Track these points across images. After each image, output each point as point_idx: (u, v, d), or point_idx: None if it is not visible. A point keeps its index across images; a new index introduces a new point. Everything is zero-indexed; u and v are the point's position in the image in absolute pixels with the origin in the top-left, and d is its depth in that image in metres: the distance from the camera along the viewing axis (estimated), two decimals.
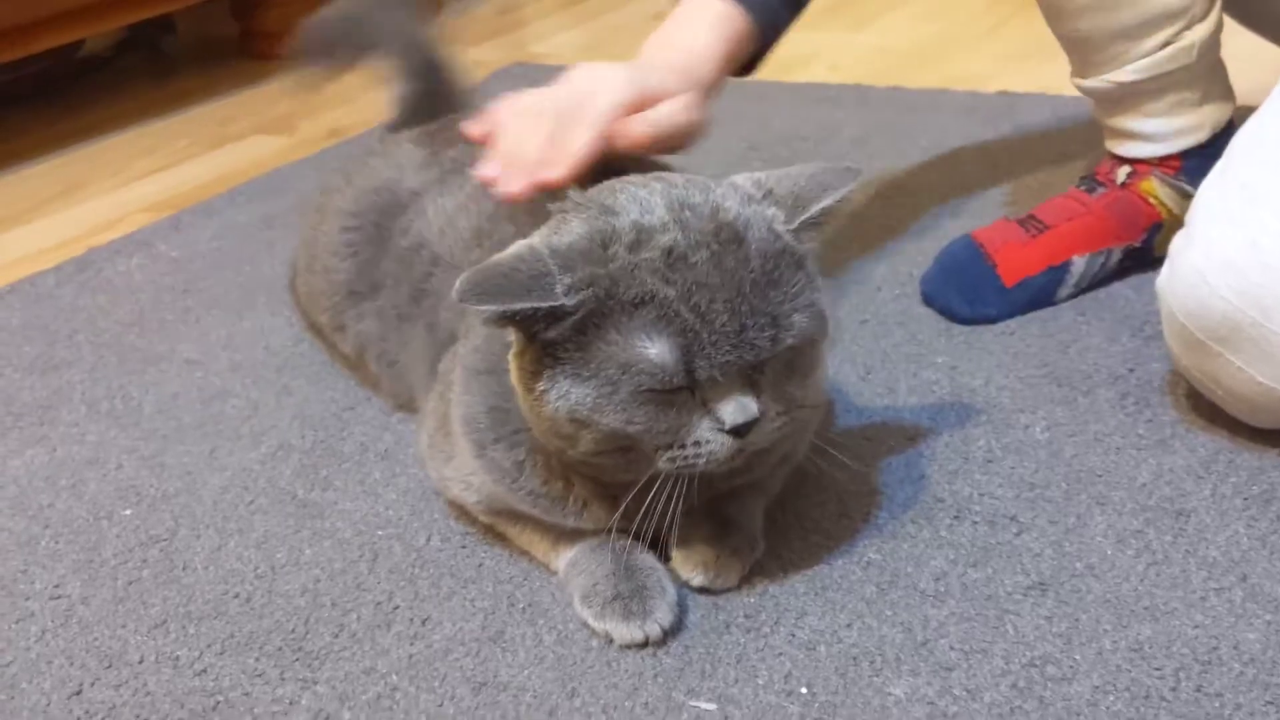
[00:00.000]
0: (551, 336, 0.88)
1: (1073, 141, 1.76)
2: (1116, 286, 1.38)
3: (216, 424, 1.35)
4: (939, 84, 2.09)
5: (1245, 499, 1.03)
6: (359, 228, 1.31)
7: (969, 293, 1.35)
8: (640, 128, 1.07)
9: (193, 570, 1.12)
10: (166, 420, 1.36)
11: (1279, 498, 1.03)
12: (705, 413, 0.89)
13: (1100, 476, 1.09)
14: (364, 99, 2.22)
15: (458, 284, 0.86)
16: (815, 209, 0.91)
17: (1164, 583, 0.96)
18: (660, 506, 0.92)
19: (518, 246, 0.91)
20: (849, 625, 0.96)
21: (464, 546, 1.10)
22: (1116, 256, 1.36)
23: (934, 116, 1.92)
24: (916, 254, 1.49)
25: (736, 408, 0.88)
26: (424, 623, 1.02)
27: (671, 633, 0.97)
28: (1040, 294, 1.35)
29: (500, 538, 1.09)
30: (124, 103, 2.59)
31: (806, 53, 2.32)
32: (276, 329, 1.51)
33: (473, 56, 2.62)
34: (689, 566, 1.00)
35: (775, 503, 1.09)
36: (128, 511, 1.21)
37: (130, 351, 1.51)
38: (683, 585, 1.01)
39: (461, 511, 1.12)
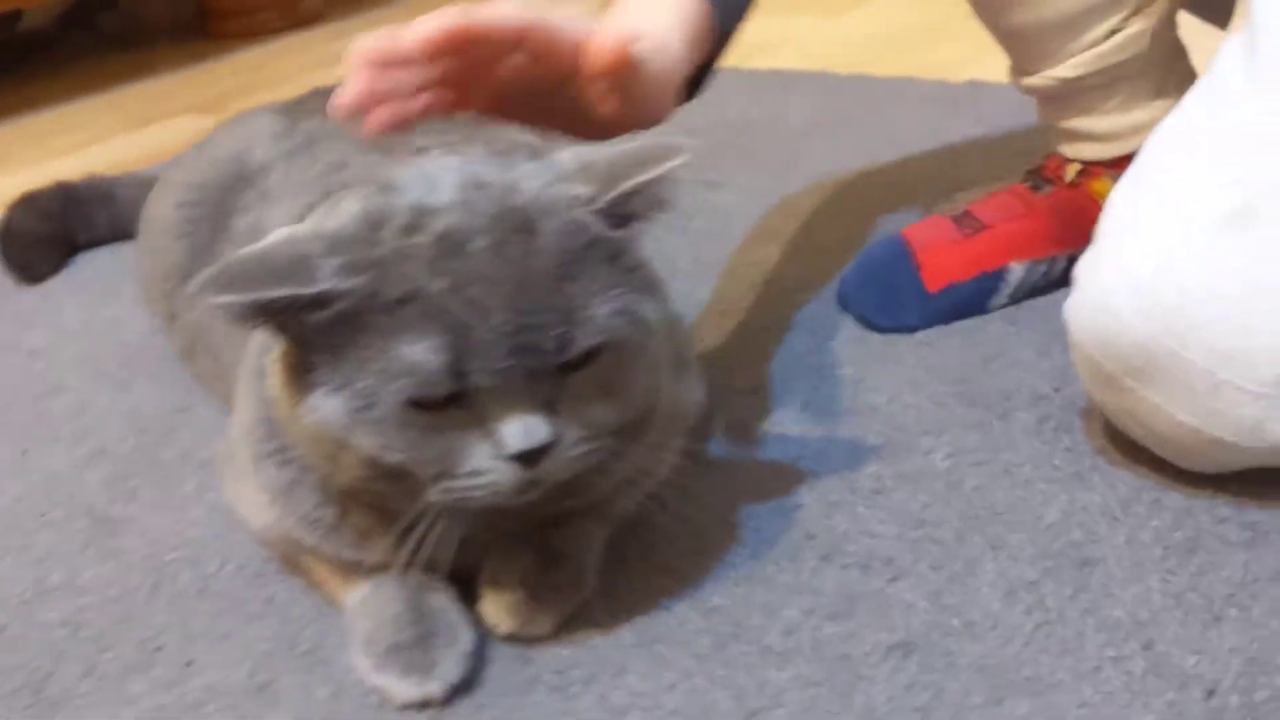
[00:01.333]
0: (310, 334, 0.74)
1: (1041, 135, 1.59)
2: (1058, 294, 1.20)
3: (39, 423, 1.21)
4: (914, 72, 1.92)
5: (1165, 548, 0.86)
6: (198, 203, 1.17)
7: (886, 298, 1.19)
8: (610, 38, 0.83)
9: None
10: None
11: (1204, 547, 0.86)
12: (484, 435, 0.74)
13: (1000, 515, 0.92)
14: (303, 79, 2.08)
15: (198, 277, 0.71)
16: (622, 187, 0.76)
17: (1053, 647, 0.79)
18: (442, 540, 0.77)
19: (276, 232, 0.76)
20: (672, 687, 0.80)
21: (259, 576, 0.95)
22: (1061, 265, 1.19)
23: (895, 106, 1.76)
24: (845, 253, 1.32)
25: (521, 430, 0.73)
26: (187, 666, 0.87)
27: (461, 691, 0.81)
28: (967, 303, 1.18)
29: (302, 569, 0.94)
30: (58, 79, 2.47)
31: (775, 39, 2.16)
32: (137, 319, 1.37)
33: None
34: (495, 609, 0.85)
35: (621, 532, 0.93)
36: None
37: None
38: (488, 630, 0.85)
39: None
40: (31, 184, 1.90)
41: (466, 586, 0.87)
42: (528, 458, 0.74)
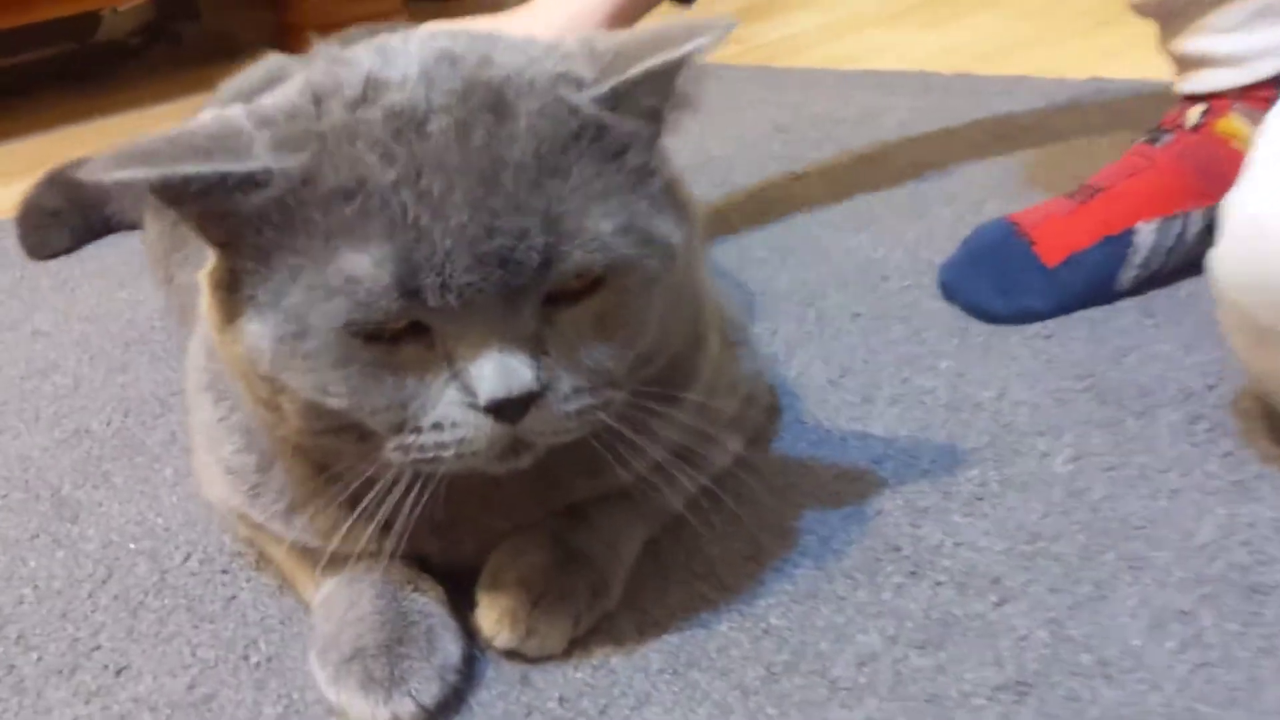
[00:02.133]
0: (240, 235, 0.58)
1: None
2: (1201, 282, 1.00)
3: (23, 402, 1.07)
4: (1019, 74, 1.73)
5: None
6: None
7: (1002, 280, 1.00)
8: None
9: None
10: None
11: None
12: (451, 377, 0.58)
13: (1139, 529, 0.73)
14: None
15: (103, 153, 0.56)
16: (630, 72, 0.59)
17: (1216, 694, 0.60)
18: (410, 516, 0.61)
19: (201, 114, 0.61)
20: None
21: (224, 572, 0.79)
22: (1197, 223, 0.99)
23: (1004, 103, 1.57)
24: (945, 243, 1.14)
25: (496, 370, 0.56)
26: (119, 673, 0.71)
27: (437, 716, 0.64)
28: (1096, 275, 0.99)
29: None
30: (135, 88, 2.40)
31: (872, 49, 1.99)
32: (149, 305, 1.24)
33: None
34: (492, 617, 0.68)
35: (668, 530, 0.76)
36: None
37: None
38: (483, 644, 0.68)
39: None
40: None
41: (463, 588, 0.70)
42: (507, 410, 0.57)
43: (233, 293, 0.59)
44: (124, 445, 0.97)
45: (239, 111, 0.59)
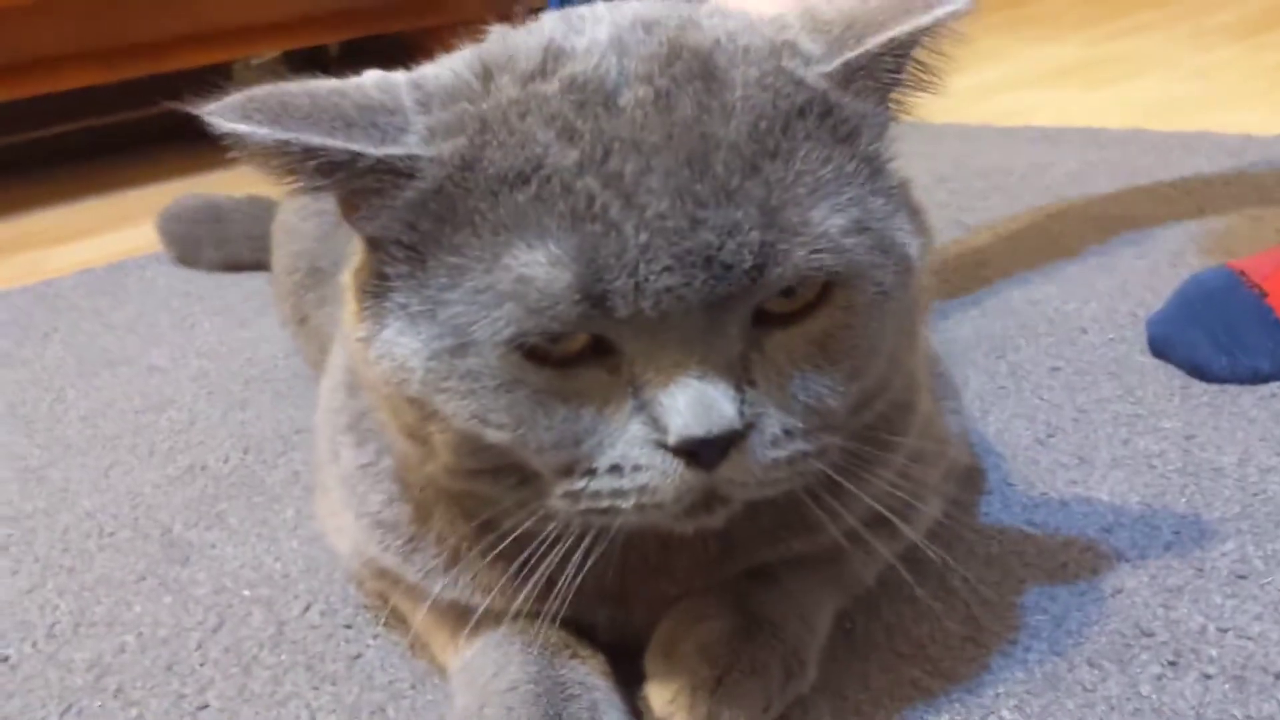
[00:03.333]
0: (391, 232, 0.49)
1: None
2: None
3: (136, 437, 1.00)
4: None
5: None
6: None
7: (1225, 335, 0.87)
8: None
9: None
10: (84, 429, 1.03)
11: None
12: (636, 407, 0.47)
13: None
14: None
15: (225, 99, 0.48)
16: (874, 41, 0.49)
17: None
18: (578, 576, 0.51)
19: (364, 75, 0.52)
20: None
21: (348, 627, 0.69)
22: None
23: (1184, 159, 1.44)
24: (1144, 293, 1.02)
25: (692, 402, 0.46)
26: None
27: None
28: None
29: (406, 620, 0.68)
30: None
31: (1031, 106, 1.88)
32: (271, 343, 1.16)
33: None
34: (665, 696, 0.56)
35: (860, 604, 0.64)
36: None
37: (97, 355, 1.20)
38: None
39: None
40: None
41: (628, 659, 0.59)
42: (703, 453, 0.46)
43: (380, 300, 0.50)
44: (241, 484, 0.89)
45: (403, 80, 0.50)
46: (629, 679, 0.59)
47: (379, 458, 0.59)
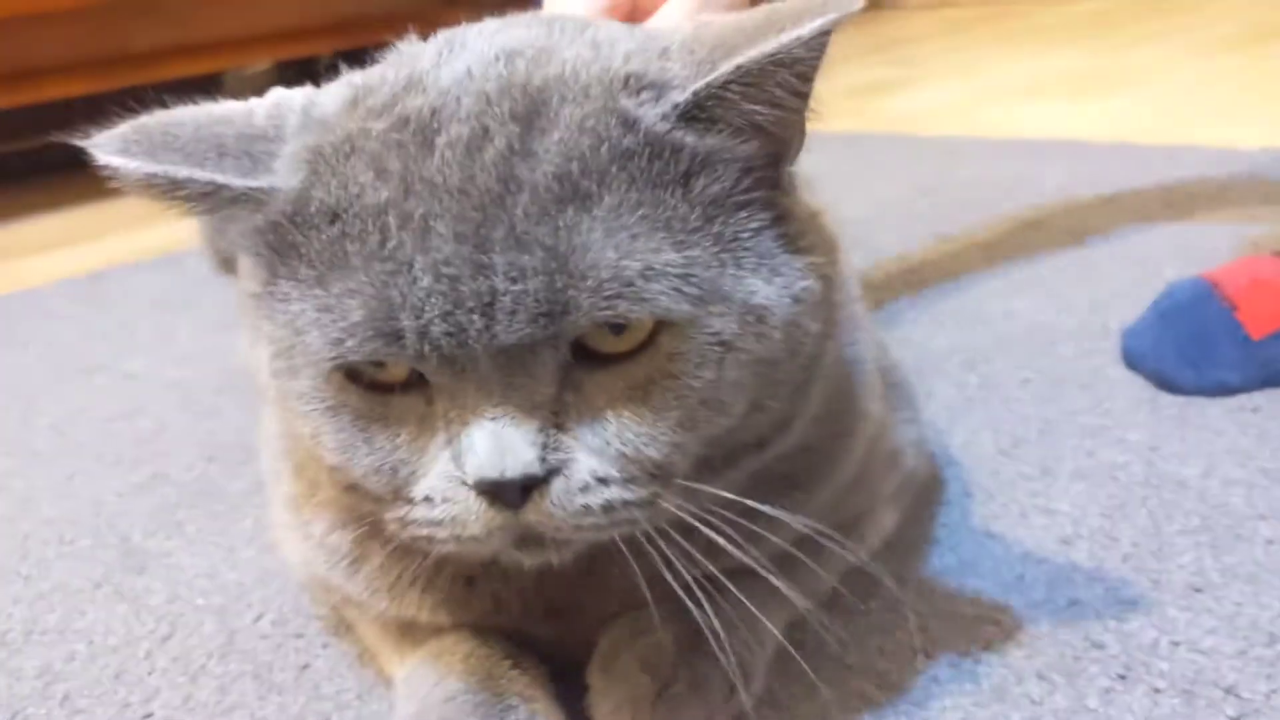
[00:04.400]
0: (246, 246, 0.50)
1: None
2: None
3: (103, 445, 1.00)
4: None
5: None
6: None
7: (1195, 349, 0.87)
8: None
9: None
10: (52, 437, 1.03)
11: None
12: (446, 441, 0.47)
13: None
14: None
15: (108, 131, 0.48)
16: (721, 70, 0.46)
17: None
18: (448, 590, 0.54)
19: (266, 96, 0.52)
20: None
21: (299, 636, 0.69)
22: None
23: (1170, 171, 1.43)
24: (1121, 305, 1.01)
25: (488, 444, 0.45)
26: None
27: None
28: None
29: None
30: None
31: (1016, 119, 1.88)
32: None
33: None
34: (606, 708, 0.56)
35: (810, 615, 0.63)
36: None
37: (73, 362, 1.20)
38: None
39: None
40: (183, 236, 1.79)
41: (571, 671, 0.58)
42: (501, 493, 0.46)
43: (246, 313, 0.51)
44: (203, 493, 0.89)
45: (299, 104, 0.50)
46: (571, 692, 0.58)
47: (314, 490, 0.59)
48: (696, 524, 0.50)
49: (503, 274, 0.44)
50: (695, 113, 0.47)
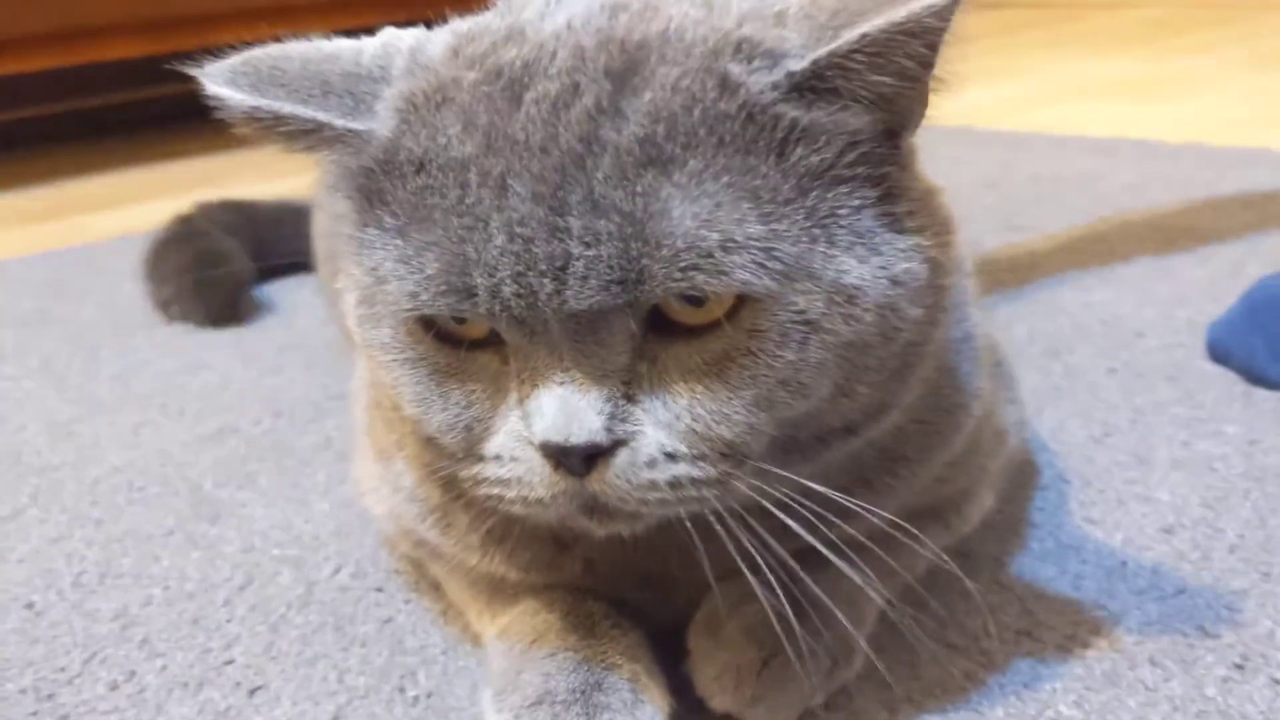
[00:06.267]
0: (346, 188, 0.49)
1: None
2: None
3: (167, 396, 0.99)
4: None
5: None
6: None
7: None
8: None
9: (4, 563, 0.74)
10: (115, 387, 1.02)
11: None
12: (518, 400, 0.46)
13: None
14: None
15: (217, 62, 0.48)
16: (845, 39, 0.44)
17: None
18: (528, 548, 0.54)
19: (378, 36, 0.51)
20: None
21: (378, 590, 0.68)
22: None
23: (1244, 175, 1.41)
24: (1203, 301, 0.99)
25: (555, 408, 0.44)
26: (252, 693, 0.60)
27: None
28: None
29: (439, 586, 0.66)
30: None
31: (1083, 117, 1.85)
32: (309, 307, 1.15)
33: None
34: (710, 673, 0.54)
35: (909, 592, 0.61)
36: None
37: (133, 317, 1.19)
38: (700, 705, 0.55)
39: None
40: (247, 195, 1.79)
41: (667, 634, 0.57)
42: (565, 459, 0.44)
43: (343, 258, 0.51)
44: (272, 447, 0.87)
45: (407, 45, 0.49)
46: (667, 654, 0.56)
47: (403, 441, 0.57)
48: (772, 507, 0.47)
49: (577, 238, 0.42)
50: (811, 83, 0.44)
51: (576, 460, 0.44)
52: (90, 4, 2.13)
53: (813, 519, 0.49)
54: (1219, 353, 0.89)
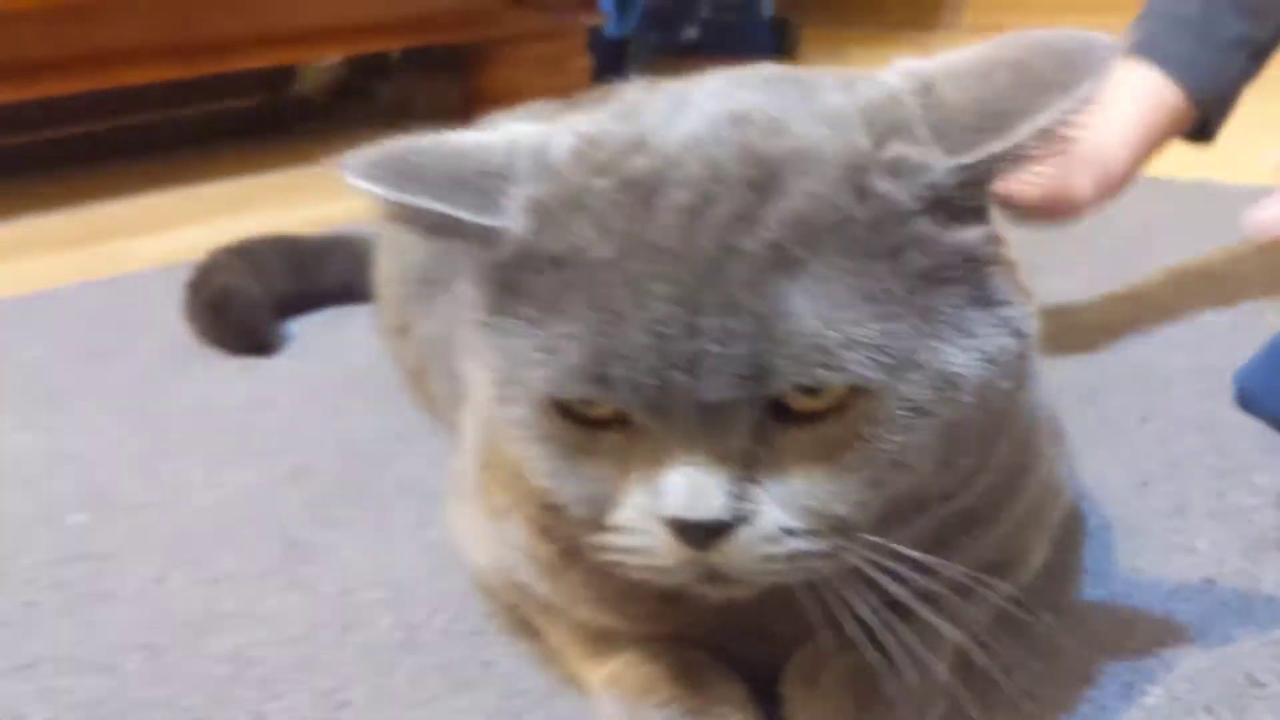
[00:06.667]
0: (487, 277, 0.54)
1: None
2: None
3: (239, 434, 1.03)
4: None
5: None
6: None
7: None
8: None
9: (111, 603, 0.79)
10: (187, 423, 1.06)
11: None
12: (644, 477, 0.50)
13: None
14: None
15: (358, 153, 0.53)
16: (991, 149, 0.48)
17: None
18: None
19: (506, 126, 0.56)
20: None
21: (477, 634, 0.72)
22: None
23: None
24: (1230, 347, 1.04)
25: (683, 487, 0.49)
26: None
27: None
28: None
29: (537, 630, 0.71)
30: (322, 144, 2.43)
31: None
32: (363, 344, 1.19)
33: None
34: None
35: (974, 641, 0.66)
36: (79, 518, 0.90)
37: (190, 350, 1.23)
38: None
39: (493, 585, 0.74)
40: (276, 224, 1.83)
41: (758, 683, 0.62)
42: (690, 534, 0.49)
43: (475, 334, 0.55)
44: (351, 487, 0.92)
45: (529, 143, 0.53)
46: (764, 701, 0.61)
47: (519, 502, 0.62)
48: (876, 574, 0.52)
49: (711, 337, 0.47)
50: (948, 195, 0.49)
51: (701, 535, 0.49)
52: (120, 30, 2.17)
53: (902, 575, 0.53)
54: (1247, 401, 0.94)
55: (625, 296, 0.48)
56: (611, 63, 2.87)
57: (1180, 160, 1.78)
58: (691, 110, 0.52)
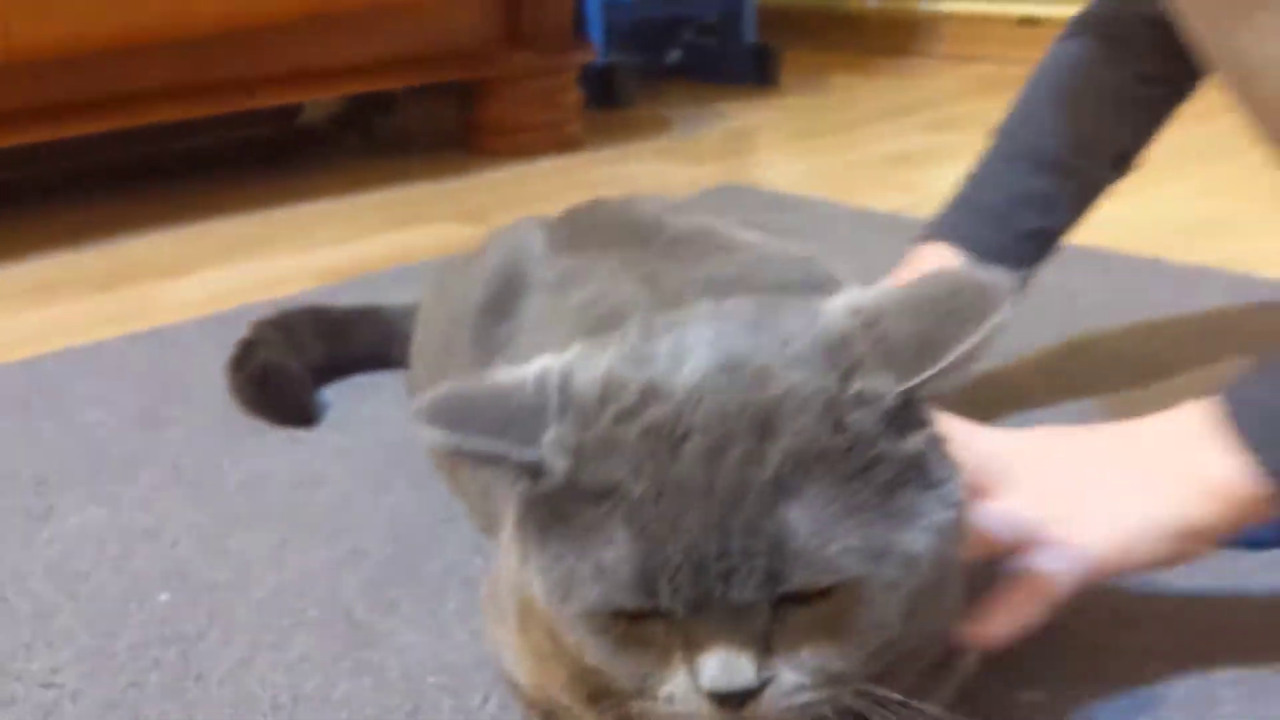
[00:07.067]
0: (523, 501, 0.68)
1: None
2: None
3: (297, 513, 1.16)
4: (1207, 262, 1.78)
5: None
6: (488, 308, 1.10)
7: None
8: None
9: (205, 684, 0.91)
10: (246, 499, 1.19)
11: None
12: (684, 659, 0.65)
13: None
14: (560, 199, 2.08)
15: (420, 400, 0.67)
16: (937, 366, 0.63)
17: None
18: None
19: (535, 363, 0.69)
20: None
21: None
22: None
23: (1206, 295, 1.62)
24: None
25: (719, 666, 0.63)
26: None
27: None
28: None
29: None
30: (329, 175, 2.55)
31: None
32: (396, 420, 1.32)
33: (690, 175, 2.47)
34: None
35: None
36: (164, 597, 1.03)
37: (238, 418, 1.36)
38: None
39: None
40: (287, 272, 1.97)
41: None
42: (728, 700, 0.63)
43: (523, 539, 0.68)
44: (402, 571, 1.05)
45: (556, 379, 0.66)
46: None
47: (555, 656, 0.74)
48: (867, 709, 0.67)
49: (737, 555, 0.61)
50: (900, 414, 0.63)
51: (736, 701, 0.63)
52: (138, 72, 2.28)
53: (887, 711, 0.68)
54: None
55: (664, 526, 0.62)
56: (598, 91, 2.99)
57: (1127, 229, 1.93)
58: (691, 356, 0.65)
